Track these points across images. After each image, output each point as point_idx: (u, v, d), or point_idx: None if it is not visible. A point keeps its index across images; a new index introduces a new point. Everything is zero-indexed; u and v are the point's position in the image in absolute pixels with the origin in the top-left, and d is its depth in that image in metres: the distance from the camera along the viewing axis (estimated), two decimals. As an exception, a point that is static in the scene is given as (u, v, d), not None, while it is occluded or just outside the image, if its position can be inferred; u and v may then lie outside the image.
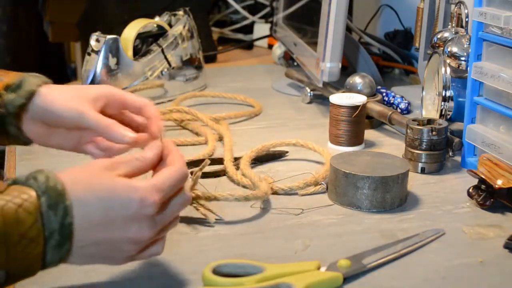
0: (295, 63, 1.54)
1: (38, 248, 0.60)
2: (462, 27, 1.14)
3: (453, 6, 1.16)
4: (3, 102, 0.75)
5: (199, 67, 1.43)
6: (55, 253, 0.61)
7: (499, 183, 0.86)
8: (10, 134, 0.78)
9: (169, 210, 0.67)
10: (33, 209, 0.60)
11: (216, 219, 0.82)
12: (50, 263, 0.62)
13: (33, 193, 0.60)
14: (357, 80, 1.20)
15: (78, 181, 0.63)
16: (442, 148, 1.00)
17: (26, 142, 0.80)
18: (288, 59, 1.64)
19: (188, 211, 0.83)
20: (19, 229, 0.59)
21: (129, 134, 0.74)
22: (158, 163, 0.70)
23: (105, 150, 0.77)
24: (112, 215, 0.63)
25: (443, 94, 1.07)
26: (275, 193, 0.91)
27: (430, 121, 1.01)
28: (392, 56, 1.57)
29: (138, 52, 1.33)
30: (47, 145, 0.80)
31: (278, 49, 1.68)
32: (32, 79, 0.77)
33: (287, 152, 1.06)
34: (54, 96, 0.76)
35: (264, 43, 1.90)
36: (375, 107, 1.15)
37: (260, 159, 1.02)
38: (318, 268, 0.70)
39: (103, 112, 0.78)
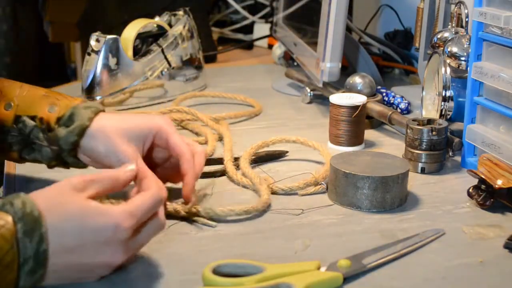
0: (295, 63, 1.54)
1: (12, 274, 0.60)
2: (462, 27, 1.14)
3: (453, 6, 1.16)
4: (56, 138, 0.79)
5: (199, 67, 1.43)
6: (28, 279, 0.61)
7: (499, 183, 0.86)
8: (68, 163, 0.83)
9: (142, 235, 0.68)
10: (9, 235, 0.59)
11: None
12: None
13: (9, 219, 0.60)
14: (357, 80, 1.20)
15: (52, 206, 0.63)
16: (442, 148, 1.00)
17: (85, 166, 0.84)
18: (288, 59, 1.64)
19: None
20: None
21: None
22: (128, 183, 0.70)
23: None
24: (86, 241, 0.63)
25: (443, 94, 1.07)
26: (275, 193, 0.91)
27: (430, 121, 1.01)
28: (392, 56, 1.57)
29: (138, 52, 1.33)
30: (106, 168, 0.81)
31: (278, 49, 1.67)
32: (83, 112, 0.79)
33: (287, 152, 1.06)
34: (100, 140, 0.78)
35: (264, 43, 1.90)
36: (375, 107, 1.15)
37: (260, 159, 1.02)
38: (318, 268, 0.70)
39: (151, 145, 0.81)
